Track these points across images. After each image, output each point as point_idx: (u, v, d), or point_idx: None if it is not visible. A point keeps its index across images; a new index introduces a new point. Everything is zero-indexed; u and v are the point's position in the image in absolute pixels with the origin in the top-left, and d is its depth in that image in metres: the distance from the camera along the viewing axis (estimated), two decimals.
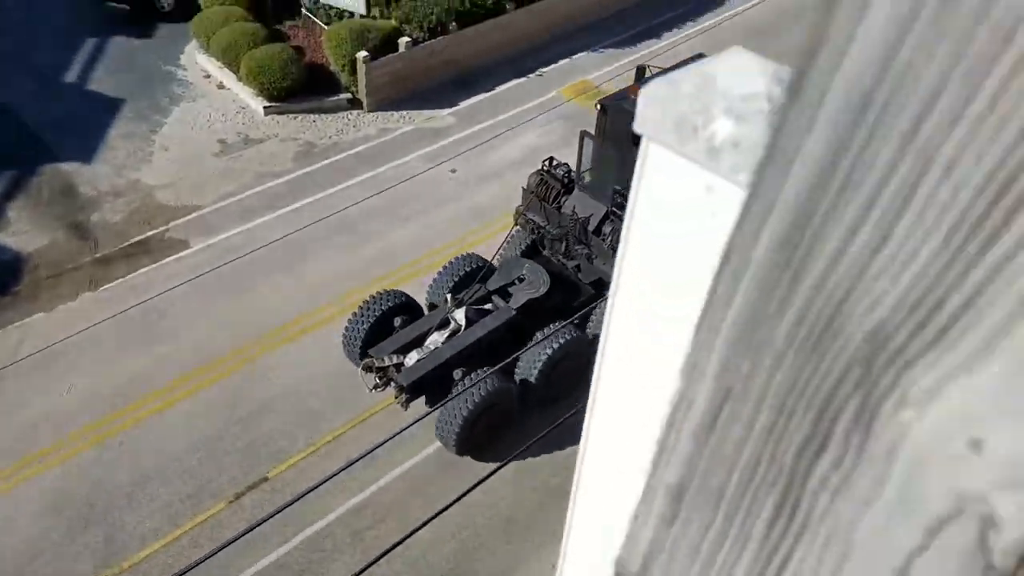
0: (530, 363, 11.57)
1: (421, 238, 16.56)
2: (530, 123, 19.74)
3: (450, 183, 17.93)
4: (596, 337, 6.71)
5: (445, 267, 13.13)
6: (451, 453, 11.71)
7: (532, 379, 11.56)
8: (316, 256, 16.09)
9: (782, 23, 23.54)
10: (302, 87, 19.37)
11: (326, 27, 20.06)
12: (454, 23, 20.12)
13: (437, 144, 19.03)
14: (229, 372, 13.83)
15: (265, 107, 19.16)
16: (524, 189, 14.21)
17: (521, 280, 12.48)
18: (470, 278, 12.62)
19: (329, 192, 17.59)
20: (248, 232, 16.57)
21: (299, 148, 18.79)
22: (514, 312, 11.89)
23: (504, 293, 12.41)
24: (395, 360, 11.60)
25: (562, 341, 11.48)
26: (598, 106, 13.46)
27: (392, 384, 11.48)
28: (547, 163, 14.17)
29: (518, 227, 14.18)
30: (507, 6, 21.05)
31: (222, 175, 17.99)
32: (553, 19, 22.38)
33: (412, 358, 11.58)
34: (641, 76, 13.70)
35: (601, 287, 12.38)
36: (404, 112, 19.90)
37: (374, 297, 12.48)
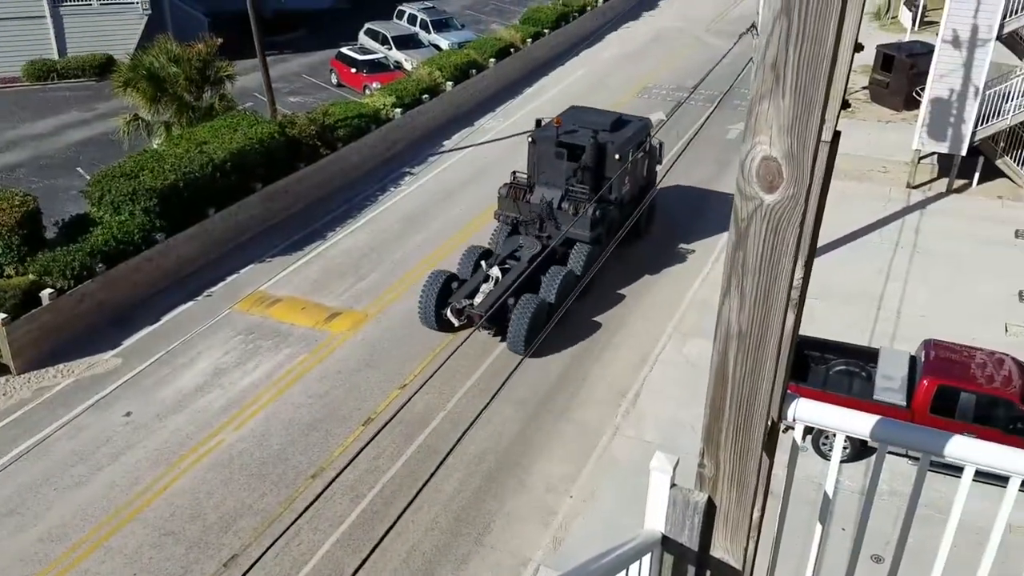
0: (548, 289, 18.61)
1: (100, 506, 14.81)
2: (207, 346, 18.94)
3: (125, 429, 16.43)
4: (571, 271, 18.76)
5: (464, 253, 19.97)
6: (517, 355, 17.30)
7: (551, 298, 18.34)
8: None
9: (431, 209, 25.23)
10: None
11: None
12: (100, 264, 19.08)
13: (105, 390, 17.48)
14: None
15: None
16: (499, 196, 20.74)
17: (521, 247, 19.89)
18: (486, 255, 19.82)
19: None
20: None
21: None
22: (527, 264, 18.51)
23: (513, 256, 19.65)
24: (467, 302, 18.38)
25: (562, 275, 18.74)
26: (531, 139, 20.81)
27: (469, 317, 18.22)
28: (513, 175, 21.01)
29: (499, 222, 20.94)
30: (158, 236, 20.44)
31: None
32: (212, 239, 22.07)
33: (479, 298, 18.45)
34: (539, 124, 21.43)
35: (571, 243, 19.69)
36: (62, 365, 18.18)
37: (432, 276, 18.90)
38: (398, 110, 28.50)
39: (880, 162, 26.53)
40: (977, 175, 24.80)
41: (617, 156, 20.08)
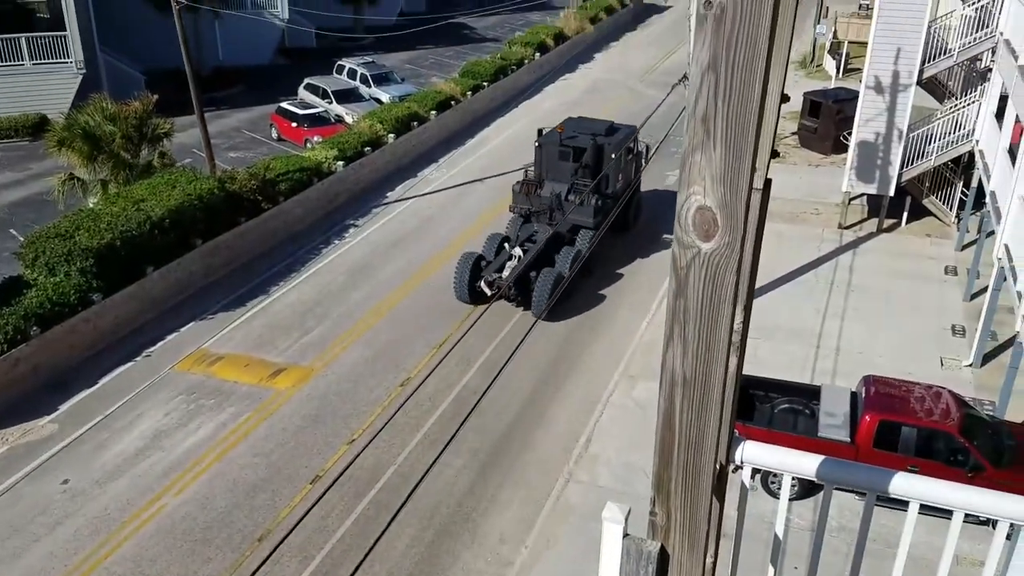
0: (562, 264, 21.94)
1: None
2: (147, 408, 18.43)
3: (62, 498, 15.82)
4: (580, 250, 22.43)
5: (488, 239, 23.17)
6: (535, 317, 20.23)
7: (564, 271, 21.33)
8: None
9: (376, 260, 25.16)
10: None
11: None
12: (35, 327, 18.53)
13: (40, 458, 16.85)
14: None
15: None
16: (514, 192, 24.20)
17: (536, 232, 22.96)
18: (506, 240, 23.12)
19: None
20: None
21: None
22: (543, 245, 21.76)
23: (530, 240, 22.78)
24: (496, 275, 21.71)
25: (573, 253, 22.15)
26: (537, 144, 24.36)
27: (499, 288, 21.10)
28: (525, 172, 24.75)
29: (513, 213, 24.34)
30: (95, 297, 19.95)
31: None
32: (151, 298, 21.62)
33: (506, 272, 21.73)
34: (540, 133, 24.90)
35: (577, 229, 23.21)
36: None
37: (463, 256, 22.17)
38: (340, 163, 28.49)
39: (812, 204, 27.32)
40: (905, 214, 25.68)
41: (613, 156, 23.62)
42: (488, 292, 21.55)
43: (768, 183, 2.45)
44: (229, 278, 23.76)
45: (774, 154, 2.44)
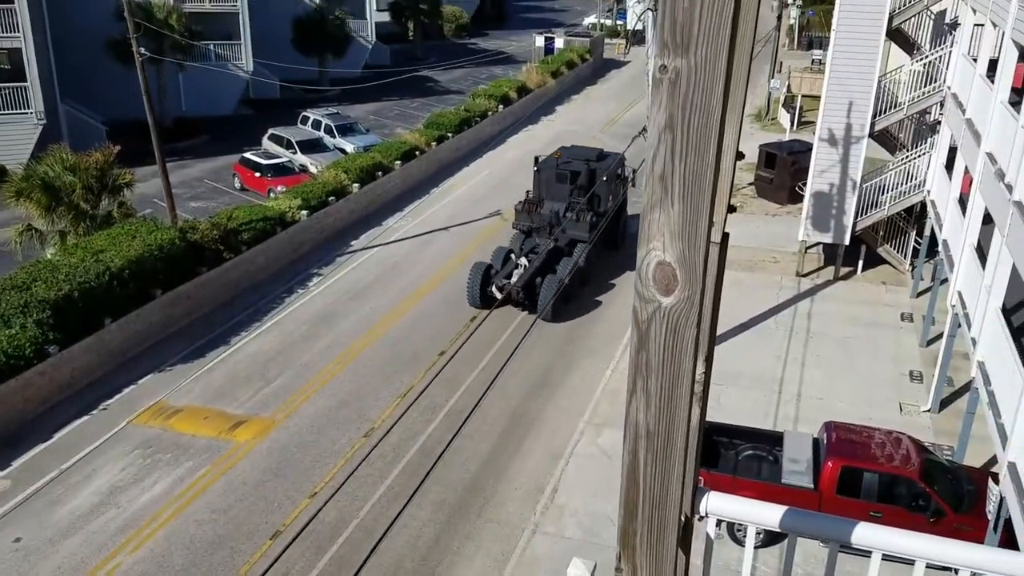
0: (562, 272, 23.91)
1: None
2: (103, 462, 17.96)
3: (14, 556, 15.28)
4: (577, 262, 24.88)
5: (495, 251, 25.69)
6: (544, 321, 23.08)
7: (565, 279, 23.46)
8: None
9: (340, 309, 25.03)
10: None
11: None
12: None
13: None
14: None
15: None
16: (516, 210, 26.94)
17: (538, 245, 25.46)
18: (510, 252, 25.50)
19: None
20: None
21: None
22: (545, 255, 24.54)
23: (533, 252, 25.25)
24: (505, 281, 24.13)
25: (571, 264, 24.01)
26: (536, 168, 26.93)
27: (507, 292, 23.34)
28: (527, 193, 27.09)
29: (515, 229, 26.92)
30: (50, 349, 19.54)
31: None
32: (109, 350, 21.22)
33: (514, 278, 24.15)
34: (536, 161, 27.31)
35: (575, 243, 25.31)
36: None
37: (475, 266, 24.67)
38: (304, 212, 28.45)
39: (770, 253, 27.79)
40: (861, 262, 26.21)
41: (604, 178, 26.07)
42: (498, 296, 23.96)
43: (726, 237, 2.51)
44: (190, 328, 23.45)
45: (731, 209, 2.50)
